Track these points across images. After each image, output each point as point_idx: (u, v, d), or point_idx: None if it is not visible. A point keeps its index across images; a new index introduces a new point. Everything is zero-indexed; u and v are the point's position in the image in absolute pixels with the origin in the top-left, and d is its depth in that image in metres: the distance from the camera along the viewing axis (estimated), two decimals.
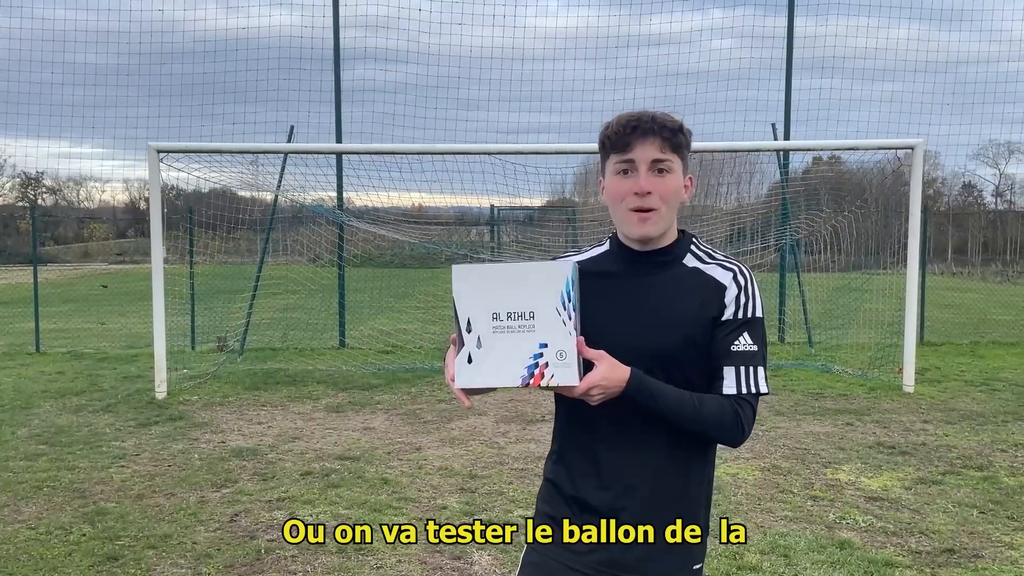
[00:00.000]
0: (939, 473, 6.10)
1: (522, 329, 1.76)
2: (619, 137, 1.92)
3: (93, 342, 13.96)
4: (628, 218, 1.94)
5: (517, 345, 1.76)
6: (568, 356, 1.75)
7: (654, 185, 1.91)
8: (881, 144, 10.45)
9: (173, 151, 9.68)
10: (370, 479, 5.97)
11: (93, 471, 6.21)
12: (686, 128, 1.96)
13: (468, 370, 1.77)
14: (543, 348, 1.75)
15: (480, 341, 1.77)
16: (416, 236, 13.45)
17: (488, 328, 1.76)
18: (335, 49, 13.09)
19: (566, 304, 1.77)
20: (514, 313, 1.76)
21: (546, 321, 1.76)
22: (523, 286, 1.77)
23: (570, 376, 1.76)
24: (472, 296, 1.78)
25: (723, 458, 6.51)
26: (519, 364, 1.75)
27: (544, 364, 1.75)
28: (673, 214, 1.98)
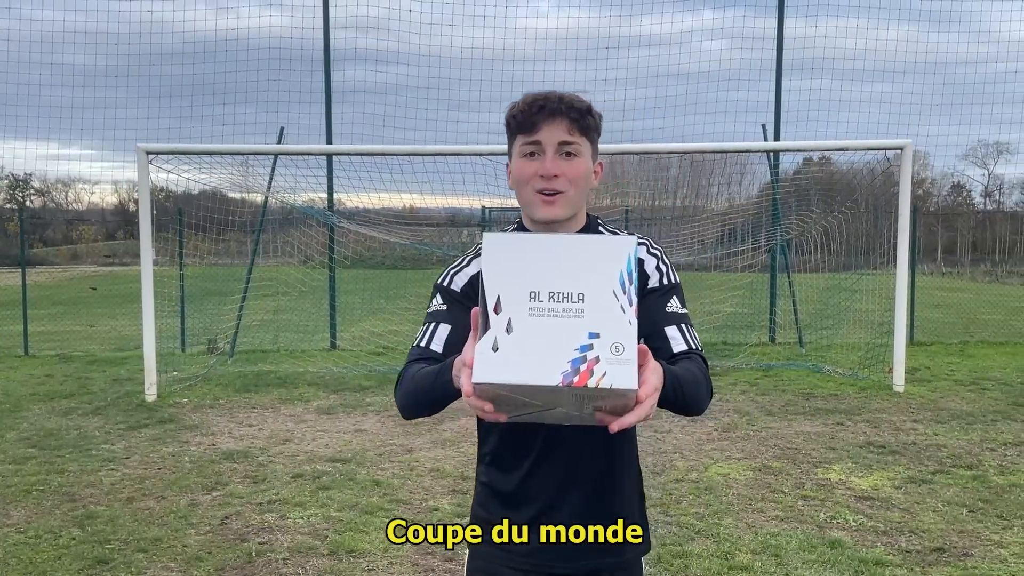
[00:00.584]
0: (929, 472, 6.13)
1: (567, 313, 1.36)
2: (525, 117, 1.84)
3: (82, 344, 13.89)
4: (534, 200, 1.87)
5: (560, 332, 1.34)
6: (626, 351, 1.34)
7: (561, 168, 1.84)
8: (871, 145, 10.51)
9: (162, 152, 9.65)
10: (361, 481, 5.96)
11: (83, 474, 6.18)
12: (595, 111, 1.90)
13: (493, 361, 1.33)
14: (593, 339, 1.34)
15: (511, 325, 1.35)
16: (407, 237, 13.44)
17: (523, 309, 1.36)
18: (325, 50, 13.07)
19: (626, 287, 1.39)
20: (558, 294, 1.37)
21: (599, 306, 1.37)
22: (573, 262, 1.40)
23: (627, 377, 1.33)
24: (506, 270, 1.39)
25: (714, 458, 6.54)
26: (561, 357, 1.32)
27: (594, 359, 1.33)
28: (582, 198, 1.92)
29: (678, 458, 6.53)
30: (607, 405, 1.39)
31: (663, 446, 6.92)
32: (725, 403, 8.74)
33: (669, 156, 13.37)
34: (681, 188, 21.11)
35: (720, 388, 9.54)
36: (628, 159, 15.10)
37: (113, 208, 59.08)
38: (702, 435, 7.30)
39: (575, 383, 1.31)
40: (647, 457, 6.56)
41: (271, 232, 14.53)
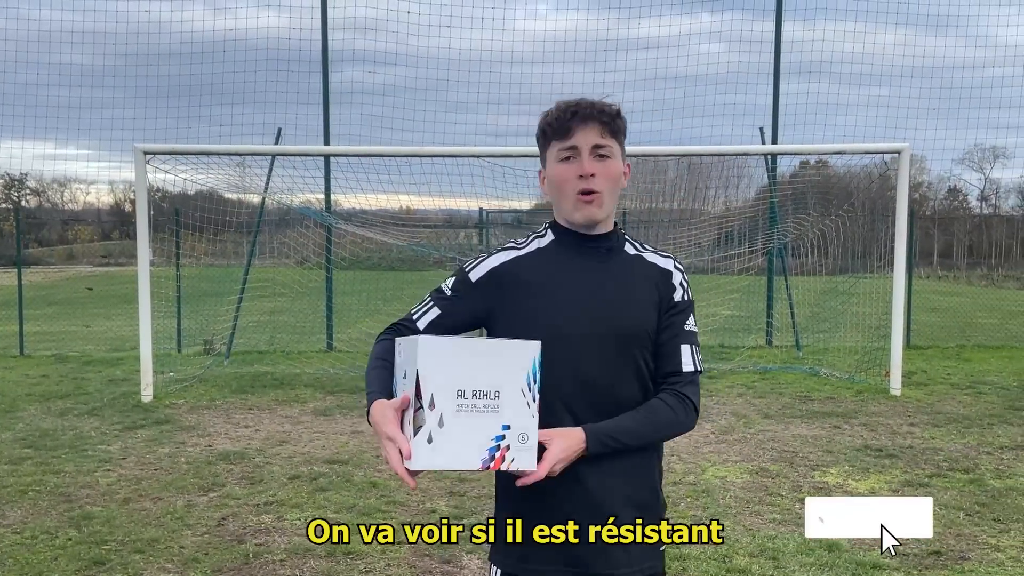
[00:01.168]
0: (926, 476, 6.15)
1: (487, 409, 1.67)
2: (560, 124, 1.95)
3: (78, 345, 13.86)
4: (575, 202, 1.96)
5: (480, 426, 1.66)
6: (530, 439, 1.70)
7: (596, 168, 1.94)
8: (868, 148, 10.54)
9: (160, 152, 9.64)
10: (358, 483, 5.96)
11: (79, 475, 6.17)
12: (623, 114, 2.00)
13: (427, 451, 1.63)
14: (505, 430, 1.67)
15: (442, 420, 1.64)
16: (404, 238, 13.45)
17: (452, 406, 1.64)
18: (323, 51, 13.07)
19: (531, 385, 1.71)
20: (479, 391, 1.67)
21: (511, 402, 1.68)
22: (490, 364, 1.69)
23: (529, 460, 1.70)
24: (438, 371, 1.65)
25: (711, 461, 6.54)
26: (480, 447, 1.66)
27: (506, 447, 1.67)
28: (614, 200, 2.02)
29: (675, 461, 6.53)
30: None
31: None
32: (722, 406, 8.75)
33: (667, 159, 13.38)
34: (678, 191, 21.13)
35: (717, 391, 9.55)
36: None
37: (109, 208, 58.98)
38: (699, 438, 7.31)
39: (491, 467, 1.67)
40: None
41: (268, 233, 14.51)
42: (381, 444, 1.71)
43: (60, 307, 21.07)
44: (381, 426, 1.71)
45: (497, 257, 2.05)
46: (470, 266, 2.06)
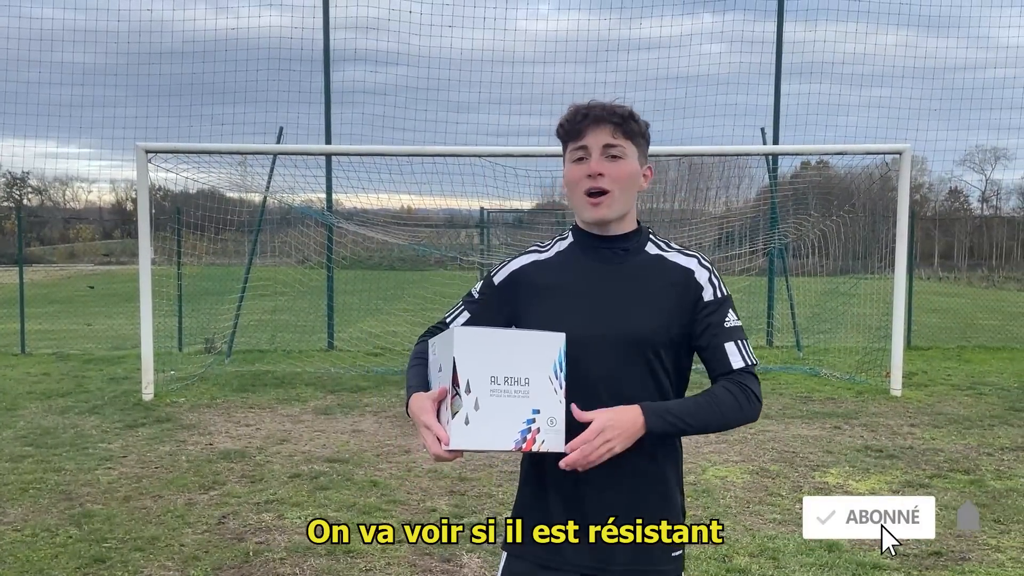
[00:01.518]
0: (926, 476, 6.14)
1: (518, 394, 1.78)
2: (572, 126, 1.98)
3: (79, 343, 13.87)
4: (583, 202, 1.98)
5: (512, 409, 1.78)
6: (558, 423, 1.81)
7: (606, 168, 1.96)
8: (869, 149, 10.53)
9: (161, 151, 9.64)
10: (359, 481, 5.96)
11: (79, 473, 6.17)
12: (638, 116, 2.00)
13: (465, 432, 1.76)
14: (536, 414, 1.79)
15: (478, 403, 1.76)
16: (405, 238, 13.44)
17: (487, 391, 1.77)
18: (325, 50, 13.07)
19: (558, 373, 1.83)
20: (511, 378, 1.78)
21: (539, 388, 1.80)
22: (520, 353, 1.81)
23: (558, 442, 1.80)
24: (473, 358, 1.77)
25: (712, 461, 6.54)
26: (513, 428, 1.78)
27: (536, 429, 1.79)
28: (629, 200, 2.02)
29: None
30: None
31: None
32: None
33: (668, 159, 13.37)
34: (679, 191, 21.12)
35: None
36: None
37: (111, 207, 59.01)
38: (699, 438, 7.30)
39: (523, 448, 1.79)
40: None
41: (269, 232, 14.50)
42: (419, 432, 1.82)
43: (61, 305, 21.08)
44: (418, 415, 1.82)
45: (519, 260, 2.11)
46: (496, 270, 2.13)
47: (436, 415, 1.79)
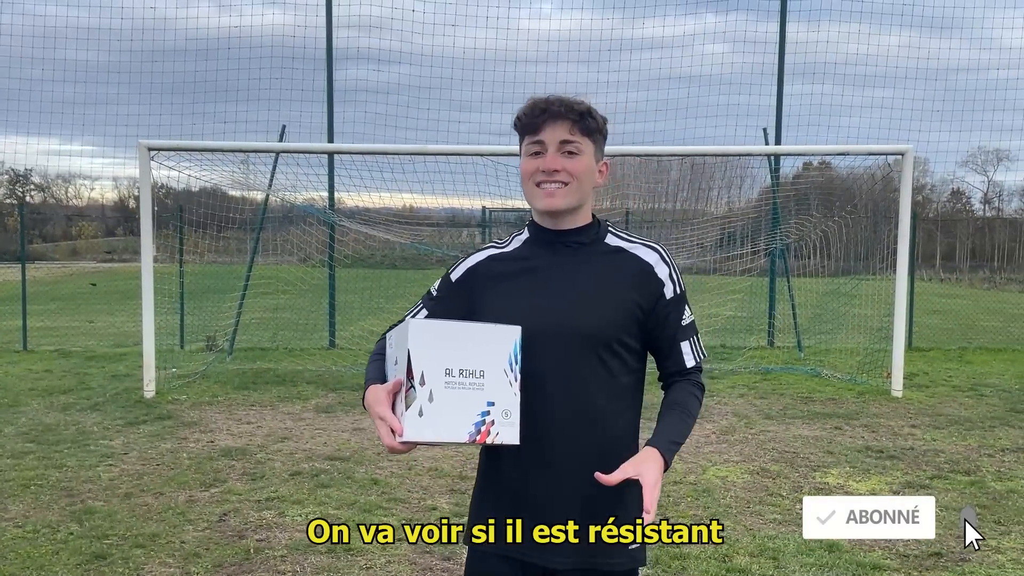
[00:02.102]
0: (927, 477, 6.14)
1: (472, 386, 1.79)
2: (529, 119, 1.99)
3: (81, 340, 13.88)
4: (535, 192, 2.00)
5: (467, 401, 1.78)
6: (512, 415, 1.81)
7: (562, 164, 1.98)
8: (871, 150, 10.52)
9: (164, 149, 9.65)
10: (360, 480, 5.96)
11: (81, 470, 6.18)
12: (596, 113, 2.02)
13: (419, 423, 1.76)
14: (490, 406, 1.79)
15: (432, 395, 1.76)
16: (407, 237, 13.44)
17: (441, 383, 1.77)
18: (328, 49, 13.07)
19: (513, 366, 1.84)
20: (465, 370, 1.79)
21: (494, 381, 1.81)
22: (475, 345, 1.81)
23: (513, 435, 1.81)
24: (428, 351, 1.78)
25: (712, 461, 6.54)
26: (467, 420, 1.78)
27: (491, 422, 1.79)
28: (584, 193, 2.03)
29: (676, 460, 6.51)
30: None
31: None
32: (723, 406, 8.74)
33: (670, 159, 13.38)
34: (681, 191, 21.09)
35: (719, 391, 9.55)
36: (629, 161, 15.09)
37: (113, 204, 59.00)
38: (700, 437, 7.30)
39: (477, 440, 1.79)
40: None
41: (271, 230, 14.53)
42: (374, 423, 1.82)
43: (63, 303, 21.10)
44: (373, 406, 1.83)
45: (475, 256, 2.13)
46: (453, 267, 2.15)
47: (391, 407, 1.80)
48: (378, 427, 1.80)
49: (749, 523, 5.13)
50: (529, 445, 1.88)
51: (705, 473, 6.20)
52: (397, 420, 1.77)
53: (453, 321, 1.90)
